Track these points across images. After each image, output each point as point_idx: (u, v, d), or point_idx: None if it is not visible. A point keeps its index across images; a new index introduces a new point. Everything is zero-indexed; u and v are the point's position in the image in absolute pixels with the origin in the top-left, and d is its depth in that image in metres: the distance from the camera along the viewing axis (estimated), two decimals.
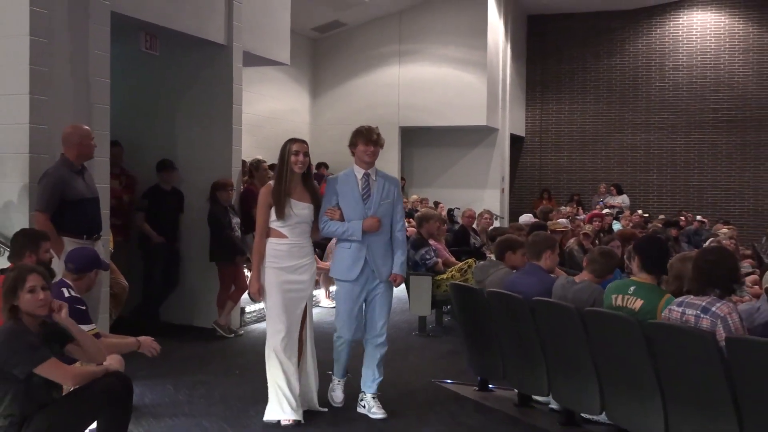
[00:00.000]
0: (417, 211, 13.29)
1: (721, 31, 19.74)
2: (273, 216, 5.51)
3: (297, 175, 5.55)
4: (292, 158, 5.50)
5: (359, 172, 5.77)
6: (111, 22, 7.04)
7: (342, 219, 5.67)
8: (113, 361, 5.01)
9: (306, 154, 5.57)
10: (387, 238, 5.77)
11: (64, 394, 4.31)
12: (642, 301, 5.00)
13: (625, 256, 7.49)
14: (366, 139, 5.68)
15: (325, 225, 5.70)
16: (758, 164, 19.50)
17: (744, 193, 19.64)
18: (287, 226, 5.52)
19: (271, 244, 5.55)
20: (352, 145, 5.77)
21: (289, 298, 5.53)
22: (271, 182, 5.65)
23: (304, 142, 5.63)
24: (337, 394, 5.92)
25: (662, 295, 5.03)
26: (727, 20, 19.70)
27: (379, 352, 5.79)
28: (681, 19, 19.98)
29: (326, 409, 5.78)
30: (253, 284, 5.62)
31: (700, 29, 19.86)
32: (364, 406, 5.75)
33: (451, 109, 17.16)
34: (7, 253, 5.83)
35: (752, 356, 4.08)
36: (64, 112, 6.47)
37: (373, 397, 5.76)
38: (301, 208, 5.55)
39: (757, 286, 6.65)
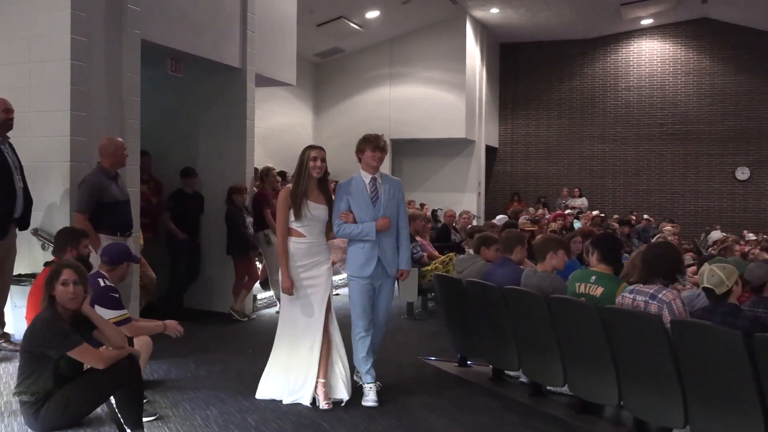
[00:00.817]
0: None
1: (666, 57, 19.82)
2: (292, 217, 5.23)
3: (314, 179, 5.27)
4: (311, 163, 5.22)
5: (366, 177, 5.39)
6: (141, 49, 7.03)
7: (354, 221, 5.31)
8: (142, 342, 5.01)
9: (323, 160, 5.28)
10: (395, 236, 5.43)
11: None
12: (602, 289, 5.01)
13: (583, 251, 7.49)
14: (374, 145, 5.34)
15: (340, 228, 5.32)
16: (698, 171, 19.59)
17: (686, 196, 19.72)
18: (305, 226, 5.23)
19: (292, 242, 5.26)
20: (360, 151, 5.41)
21: (305, 294, 5.27)
22: (290, 185, 5.35)
23: (321, 148, 5.33)
24: (372, 396, 5.28)
25: (620, 284, 5.04)
26: (671, 47, 19.78)
27: (378, 337, 5.54)
28: (632, 47, 20.04)
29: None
30: (284, 281, 5.23)
31: (648, 55, 19.93)
32: (360, 378, 5.47)
33: (434, 124, 17.18)
34: (51, 248, 5.84)
35: (693, 336, 4.08)
36: (100, 126, 6.46)
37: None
38: (316, 210, 5.24)
39: (696, 276, 6.65)
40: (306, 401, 5.15)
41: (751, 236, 15.93)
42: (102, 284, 4.91)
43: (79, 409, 4.27)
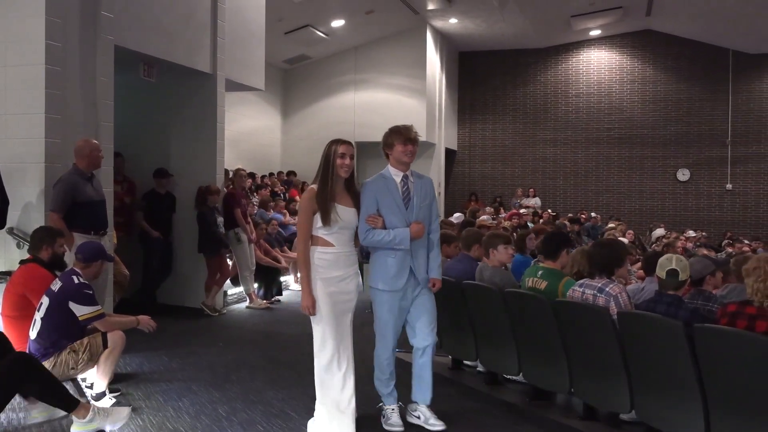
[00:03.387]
0: None
1: (613, 66, 20.09)
2: (318, 223, 4.24)
3: (342, 179, 4.32)
4: (338, 161, 4.25)
5: (397, 175, 4.50)
6: (115, 54, 6.93)
7: (383, 226, 4.38)
8: (116, 337, 4.93)
9: (352, 157, 4.34)
10: (426, 242, 4.52)
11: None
12: (546, 282, 5.09)
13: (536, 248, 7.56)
14: (404, 138, 4.47)
15: (368, 234, 4.35)
16: (642, 173, 19.90)
17: (631, 195, 20.01)
18: (333, 233, 4.24)
19: (317, 253, 4.26)
20: (388, 146, 4.53)
21: (338, 309, 4.32)
22: (314, 186, 4.30)
23: (350, 143, 4.37)
24: (395, 420, 4.51)
25: (562, 278, 5.11)
26: (617, 57, 20.05)
27: (430, 354, 4.55)
28: (581, 56, 20.27)
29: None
30: (305, 298, 4.24)
31: (596, 64, 20.18)
32: (418, 417, 4.59)
33: None
34: (26, 246, 5.73)
35: (638, 327, 4.15)
36: (74, 129, 6.36)
37: (428, 407, 4.60)
38: (346, 214, 4.28)
39: (641, 271, 6.77)
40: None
41: (691, 233, 16.27)
42: (76, 281, 4.83)
43: None
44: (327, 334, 4.30)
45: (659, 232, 15.37)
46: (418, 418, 4.59)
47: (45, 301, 4.86)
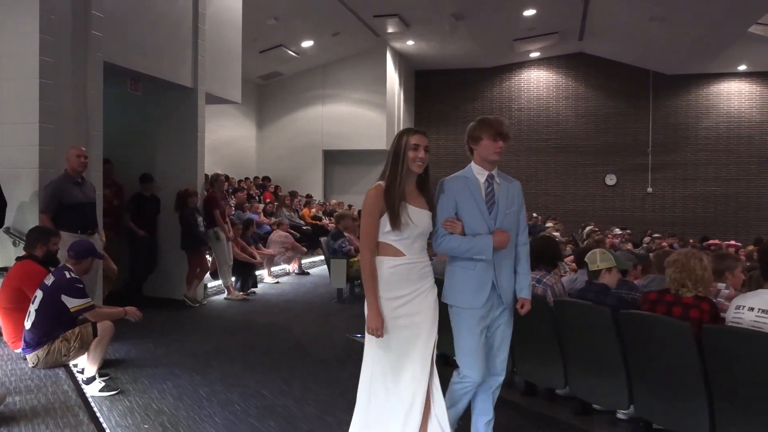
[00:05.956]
0: (336, 211, 13.29)
1: (550, 84, 20.39)
2: (386, 227, 3.15)
3: (414, 175, 3.25)
4: (411, 153, 3.19)
5: (481, 175, 3.52)
6: (104, 70, 6.81)
7: (463, 232, 3.36)
8: (105, 326, 4.85)
9: (427, 150, 3.25)
10: (513, 254, 3.47)
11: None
12: None
13: None
14: (495, 132, 3.45)
15: (443, 240, 3.35)
16: (576, 178, 20.23)
17: (566, 198, 20.34)
18: (404, 239, 3.15)
19: (385, 264, 3.15)
20: (473, 139, 3.55)
21: (406, 336, 3.16)
22: (381, 183, 3.24)
23: (424, 134, 3.28)
24: None
25: None
26: (554, 76, 20.36)
27: (496, 394, 3.57)
28: (523, 75, 20.53)
29: None
30: (372, 318, 3.09)
31: (536, 82, 20.46)
32: None
33: (360, 137, 17.21)
34: (21, 245, 5.61)
35: (571, 312, 4.22)
36: (66, 138, 6.22)
37: None
38: (419, 216, 3.19)
39: (574, 264, 6.88)
40: None
41: (618, 231, 16.59)
42: (68, 276, 4.75)
43: None
44: (386, 360, 3.15)
45: (590, 229, 15.63)
46: None
47: (39, 294, 4.77)
